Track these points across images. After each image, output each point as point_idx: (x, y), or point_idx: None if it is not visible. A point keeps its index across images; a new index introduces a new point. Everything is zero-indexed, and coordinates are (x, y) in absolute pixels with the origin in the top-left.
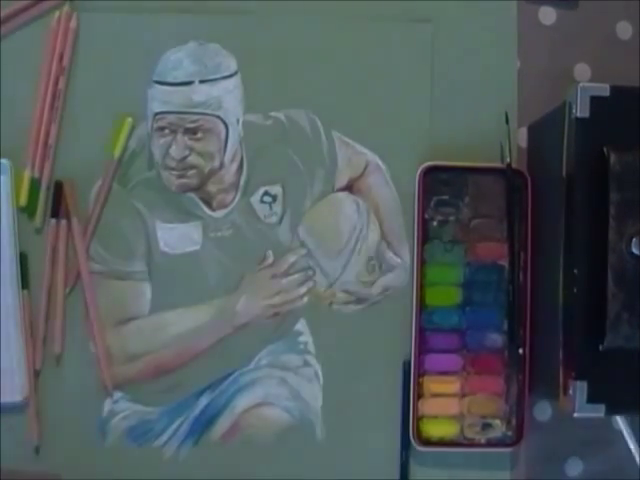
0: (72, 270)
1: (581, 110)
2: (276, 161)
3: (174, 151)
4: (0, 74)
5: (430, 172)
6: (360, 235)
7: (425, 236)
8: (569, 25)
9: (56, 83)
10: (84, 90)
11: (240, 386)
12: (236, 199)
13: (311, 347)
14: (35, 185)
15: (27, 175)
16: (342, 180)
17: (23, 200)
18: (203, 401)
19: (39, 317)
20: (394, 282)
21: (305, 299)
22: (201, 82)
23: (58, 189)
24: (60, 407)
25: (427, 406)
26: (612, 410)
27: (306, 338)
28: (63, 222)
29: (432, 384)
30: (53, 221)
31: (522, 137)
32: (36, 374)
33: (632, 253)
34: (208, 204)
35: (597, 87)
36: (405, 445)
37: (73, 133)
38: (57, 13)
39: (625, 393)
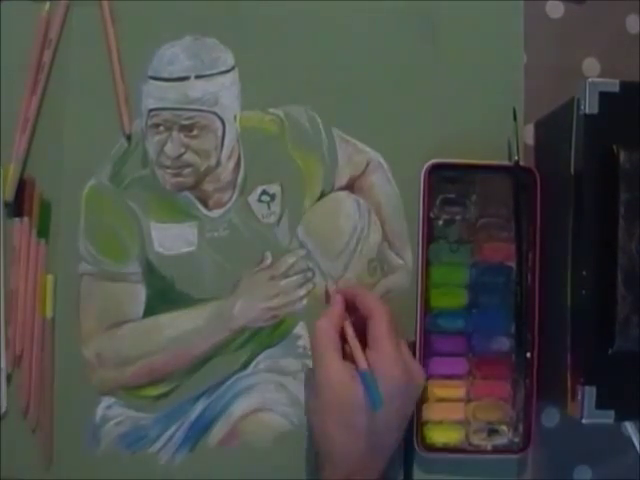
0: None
1: (590, 106)
2: (274, 159)
3: (169, 149)
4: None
5: (436, 170)
6: (361, 235)
7: (430, 236)
8: (577, 19)
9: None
10: (78, 86)
11: (237, 391)
12: (233, 198)
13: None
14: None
15: (12, 168)
16: (342, 179)
17: (8, 195)
18: (199, 406)
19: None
20: (396, 284)
21: (304, 301)
22: (197, 77)
23: (23, 186)
24: (51, 414)
25: (431, 411)
26: (622, 416)
27: (305, 342)
28: (26, 220)
29: (437, 388)
30: (17, 220)
31: (529, 134)
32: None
33: None
34: (204, 203)
35: (606, 83)
36: (408, 451)
37: (67, 131)
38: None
39: (635, 398)
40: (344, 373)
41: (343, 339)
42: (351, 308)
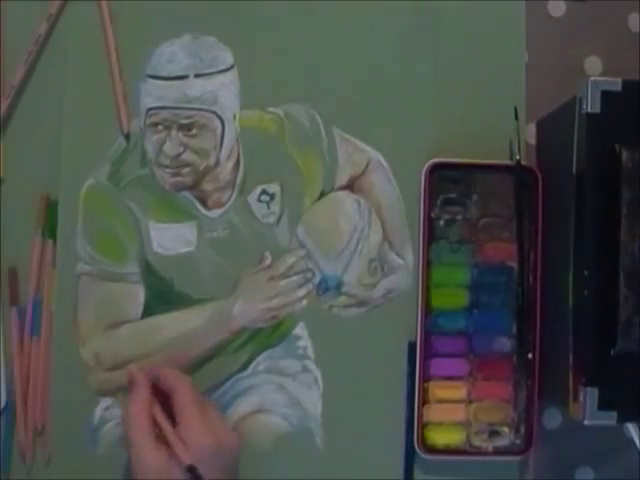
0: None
1: (592, 105)
2: (274, 159)
3: (168, 148)
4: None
5: (436, 169)
6: (361, 235)
7: (431, 236)
8: (579, 17)
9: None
10: (76, 85)
11: (237, 392)
12: (232, 198)
13: (310, 352)
14: None
15: None
16: (343, 178)
17: None
18: None
19: None
20: (397, 284)
21: (304, 302)
22: (196, 76)
23: None
24: (49, 415)
25: (432, 412)
26: (624, 417)
27: (305, 343)
28: None
29: (438, 390)
30: None
31: (531, 133)
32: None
33: None
34: (203, 203)
35: (608, 81)
36: (409, 452)
37: (65, 130)
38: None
39: (637, 399)
40: (158, 457)
41: (154, 421)
42: (156, 387)
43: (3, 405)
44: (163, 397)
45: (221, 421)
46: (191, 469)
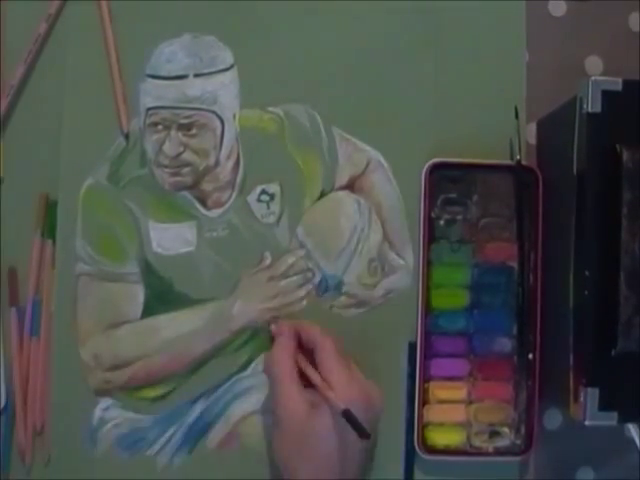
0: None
1: (593, 105)
2: (274, 158)
3: (168, 148)
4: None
5: (437, 169)
6: (361, 235)
7: (431, 236)
8: (580, 17)
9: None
10: (75, 85)
11: (236, 393)
12: (232, 198)
13: None
14: None
15: None
16: (343, 178)
17: None
18: (198, 408)
19: None
20: (397, 284)
21: (304, 302)
22: (196, 76)
23: None
24: (48, 415)
25: (432, 413)
26: (625, 418)
27: None
28: None
29: (438, 390)
30: None
31: (531, 133)
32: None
33: None
34: (203, 203)
35: (609, 81)
36: (409, 453)
37: (64, 130)
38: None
39: (638, 400)
40: (301, 404)
41: (300, 371)
42: (299, 343)
43: (3, 405)
44: (306, 353)
45: (364, 377)
46: (347, 413)
